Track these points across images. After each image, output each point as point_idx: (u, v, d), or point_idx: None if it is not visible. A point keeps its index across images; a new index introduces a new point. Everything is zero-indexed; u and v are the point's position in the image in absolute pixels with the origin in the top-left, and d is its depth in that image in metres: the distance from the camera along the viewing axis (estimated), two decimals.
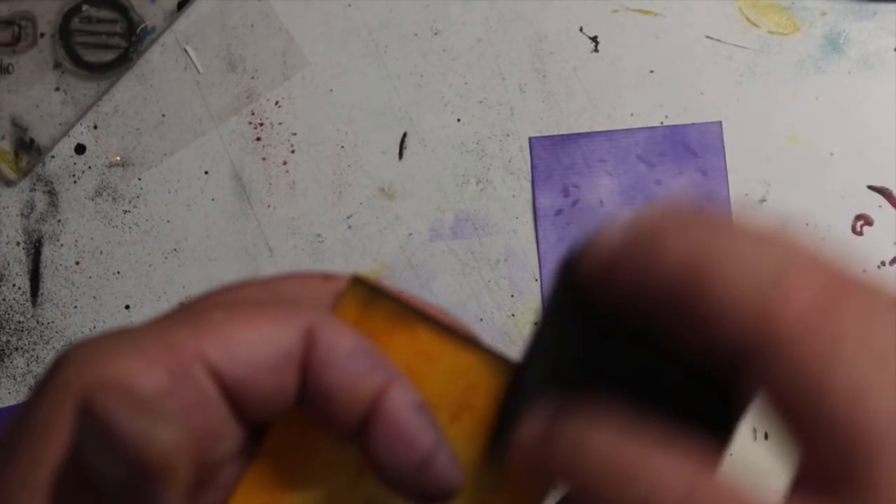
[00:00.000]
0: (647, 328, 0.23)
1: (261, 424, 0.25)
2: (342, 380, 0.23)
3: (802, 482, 0.20)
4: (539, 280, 0.60)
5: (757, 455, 0.56)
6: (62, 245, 0.62)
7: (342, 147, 0.62)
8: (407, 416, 0.24)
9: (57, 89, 0.62)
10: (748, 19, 0.62)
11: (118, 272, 0.61)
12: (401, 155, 0.62)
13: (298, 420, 0.25)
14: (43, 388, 0.24)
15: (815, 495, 0.19)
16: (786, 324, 0.20)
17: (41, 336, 0.61)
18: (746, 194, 0.60)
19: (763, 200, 0.60)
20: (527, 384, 0.24)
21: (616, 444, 0.21)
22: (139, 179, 0.62)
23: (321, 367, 0.24)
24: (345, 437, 0.24)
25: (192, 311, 0.24)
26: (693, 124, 0.61)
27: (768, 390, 0.20)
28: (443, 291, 0.61)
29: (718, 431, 0.23)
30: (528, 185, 0.61)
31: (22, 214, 0.62)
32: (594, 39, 0.62)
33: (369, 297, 0.26)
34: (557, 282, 0.25)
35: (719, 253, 0.21)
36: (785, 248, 0.21)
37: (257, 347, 0.23)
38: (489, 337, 0.61)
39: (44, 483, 0.22)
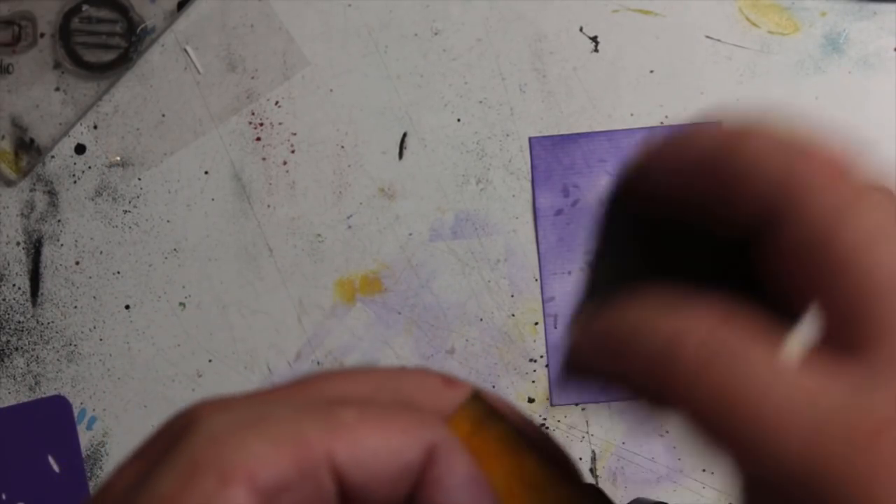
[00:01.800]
0: (683, 221, 0.25)
1: None
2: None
3: (822, 341, 0.21)
4: (539, 280, 0.60)
5: None
6: (62, 245, 0.62)
7: (342, 147, 0.62)
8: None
9: (57, 89, 0.62)
10: (748, 19, 0.62)
11: (118, 272, 0.61)
12: (401, 155, 0.62)
13: None
14: (170, 452, 0.23)
15: (833, 350, 0.20)
16: (803, 185, 0.21)
17: (41, 336, 0.61)
18: None
19: None
20: (593, 288, 0.26)
21: (646, 310, 0.22)
22: (139, 179, 0.62)
23: (433, 489, 0.24)
24: None
25: (323, 404, 0.24)
26: (693, 124, 0.61)
27: (786, 249, 0.22)
28: (443, 291, 0.61)
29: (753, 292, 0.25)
30: (528, 185, 0.61)
31: (22, 214, 0.62)
32: (594, 39, 0.62)
33: (485, 415, 0.26)
34: (609, 196, 0.27)
35: (746, 130, 0.23)
36: (798, 132, 0.23)
37: (384, 456, 0.23)
38: (489, 337, 0.61)
39: None
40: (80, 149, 0.62)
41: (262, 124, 0.62)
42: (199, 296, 0.61)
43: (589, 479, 0.60)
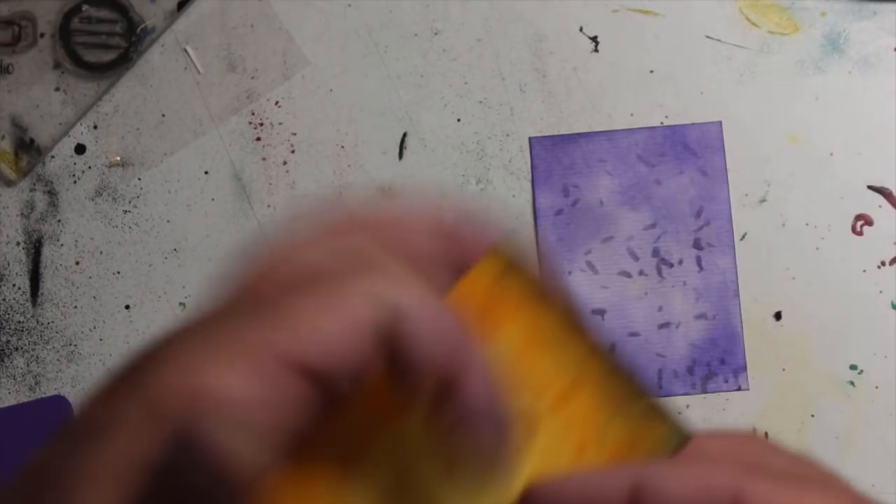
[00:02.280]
0: None
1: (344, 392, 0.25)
2: (425, 356, 0.23)
3: None
4: None
5: None
6: (62, 245, 0.62)
7: (342, 147, 0.62)
8: (480, 408, 0.24)
9: (57, 89, 0.62)
10: (748, 19, 0.62)
11: (118, 272, 0.61)
12: (401, 155, 0.62)
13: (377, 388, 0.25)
14: (127, 386, 0.24)
15: None
16: None
17: (41, 336, 0.61)
18: (746, 194, 0.60)
19: (763, 200, 0.60)
20: None
21: None
22: (139, 179, 0.62)
23: (405, 340, 0.23)
24: (417, 406, 0.24)
25: (263, 301, 0.24)
26: (693, 124, 0.61)
27: None
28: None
29: None
30: (528, 185, 0.61)
31: (22, 214, 0.62)
32: (594, 39, 0.62)
33: (507, 266, 0.26)
34: None
35: None
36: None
37: (344, 336, 0.23)
38: None
39: (124, 475, 0.23)
40: (80, 149, 0.62)
41: (262, 124, 0.62)
42: (199, 296, 0.61)
43: None
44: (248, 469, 0.21)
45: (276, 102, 0.62)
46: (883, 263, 0.60)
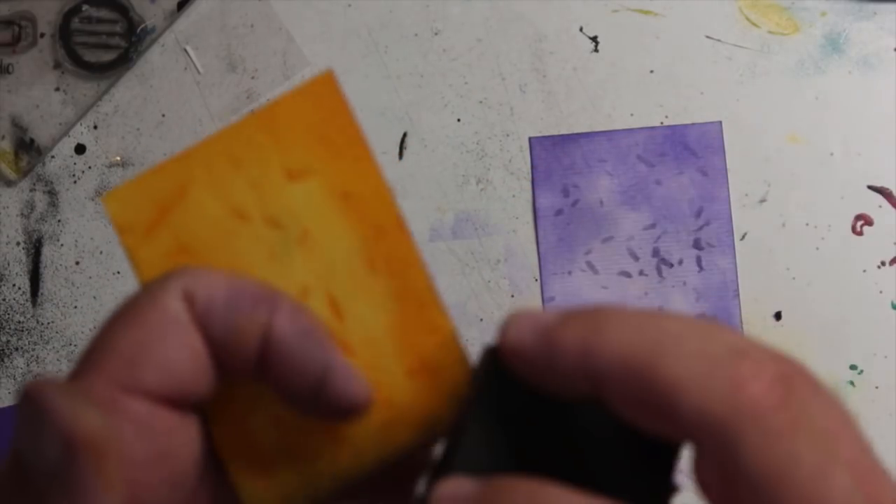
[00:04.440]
0: (579, 405, 0.23)
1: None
2: (228, 328, 0.24)
3: None
4: (539, 280, 0.60)
5: None
6: (62, 245, 0.62)
7: None
8: (293, 344, 0.24)
9: (57, 89, 0.62)
10: (748, 19, 0.62)
11: (118, 272, 0.61)
12: (401, 155, 0.62)
13: None
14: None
15: None
16: (742, 420, 0.21)
17: (41, 336, 0.61)
18: (746, 194, 0.60)
19: (763, 200, 0.60)
20: (459, 452, 0.24)
21: None
22: None
23: (207, 322, 0.24)
24: (253, 377, 0.25)
25: (91, 353, 0.25)
26: (693, 124, 0.61)
27: (719, 477, 0.21)
28: (443, 291, 0.61)
29: (657, 488, 0.24)
30: (528, 185, 0.61)
31: (22, 214, 0.62)
32: (594, 39, 0.62)
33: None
34: (483, 369, 0.25)
35: (665, 343, 0.22)
36: (725, 334, 0.22)
37: (159, 352, 0.24)
38: (489, 337, 0.61)
39: None
40: (80, 149, 0.62)
41: None
42: None
43: None
44: (85, 436, 0.22)
45: None
46: (883, 263, 0.60)
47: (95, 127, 0.62)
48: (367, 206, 0.27)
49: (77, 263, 0.62)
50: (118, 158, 0.62)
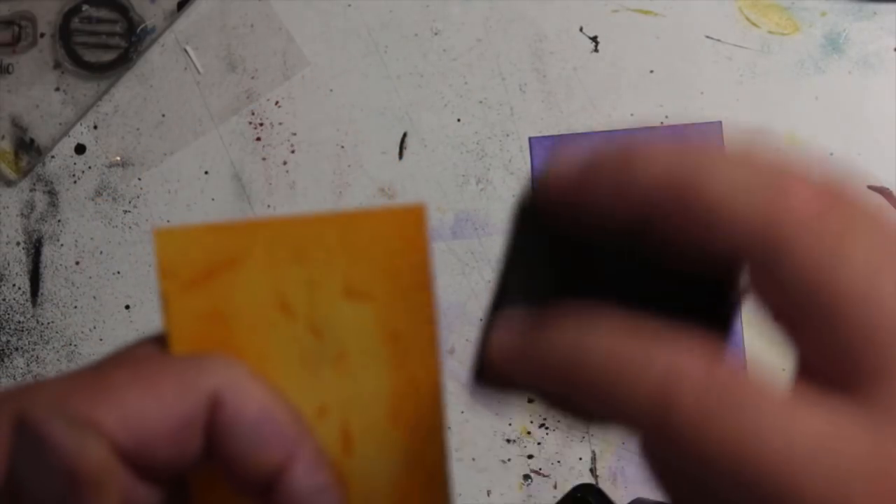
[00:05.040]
0: (622, 242, 0.22)
1: (179, 478, 0.24)
2: (246, 449, 0.23)
3: (808, 377, 0.20)
4: None
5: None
6: (62, 245, 0.62)
7: (342, 147, 0.62)
8: (303, 498, 0.23)
9: (57, 89, 0.62)
10: (748, 19, 0.62)
11: (118, 272, 0.61)
12: (401, 155, 0.62)
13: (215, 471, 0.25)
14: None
15: (825, 388, 0.19)
16: (789, 225, 0.20)
17: (41, 336, 0.61)
18: None
19: None
20: (504, 301, 0.24)
21: (618, 338, 0.20)
22: (139, 179, 0.62)
23: (225, 433, 0.23)
24: (249, 496, 0.24)
25: (100, 369, 0.24)
26: (693, 124, 0.61)
27: (771, 289, 0.20)
28: (443, 291, 0.61)
29: (715, 326, 0.23)
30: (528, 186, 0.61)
31: (22, 214, 0.62)
32: (594, 39, 0.62)
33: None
34: (521, 209, 0.24)
35: (705, 161, 0.21)
36: (770, 157, 0.21)
37: (155, 414, 0.22)
38: None
39: None
40: (80, 149, 0.62)
41: (262, 124, 0.62)
42: None
43: (589, 479, 0.60)
44: (89, 469, 0.21)
45: (276, 102, 0.62)
46: None
47: (95, 127, 0.62)
48: (411, 357, 0.25)
49: (77, 263, 0.62)
50: (118, 158, 0.62)
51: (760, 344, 0.60)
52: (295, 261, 0.25)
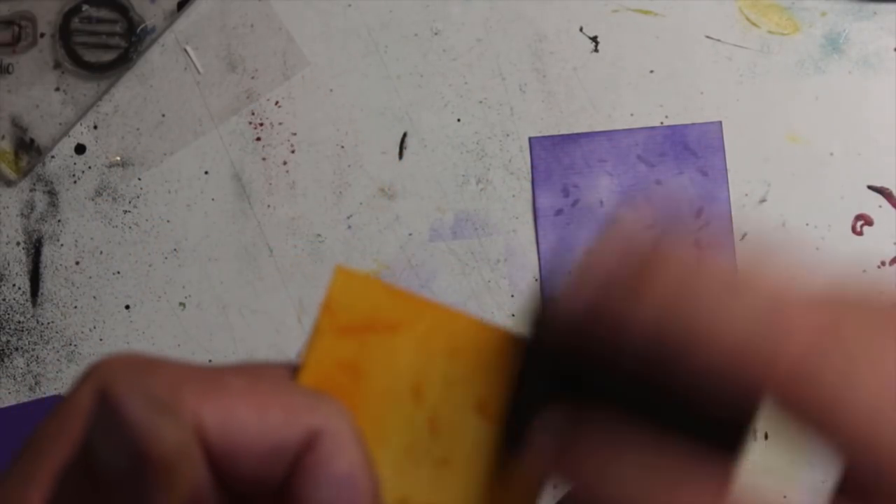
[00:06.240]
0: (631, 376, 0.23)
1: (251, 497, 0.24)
2: (318, 499, 0.22)
3: (844, 487, 0.20)
4: (539, 280, 0.60)
5: (757, 455, 0.56)
6: (62, 245, 0.62)
7: (342, 147, 0.62)
8: None
9: (57, 89, 0.62)
10: (748, 19, 0.62)
11: (118, 272, 0.61)
12: (401, 155, 0.62)
13: None
14: (65, 397, 0.24)
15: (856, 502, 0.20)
16: (792, 362, 0.20)
17: (41, 336, 0.61)
18: (746, 194, 0.60)
19: (763, 200, 0.60)
20: (533, 379, 0.24)
21: (641, 477, 0.21)
22: (139, 179, 0.62)
23: (305, 477, 0.23)
24: None
25: (222, 371, 0.24)
26: (693, 124, 0.61)
27: (787, 415, 0.21)
28: (443, 291, 0.61)
29: (727, 444, 0.23)
30: (528, 185, 0.61)
31: (22, 214, 0.62)
32: (594, 39, 0.62)
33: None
34: (530, 342, 0.24)
35: (700, 305, 0.21)
36: (767, 282, 0.21)
37: (254, 429, 0.22)
38: None
39: (45, 477, 0.23)
40: (80, 149, 0.62)
41: (262, 124, 0.62)
42: (199, 296, 0.61)
43: None
44: (161, 451, 0.21)
45: (276, 102, 0.62)
46: (883, 263, 0.59)
47: (95, 127, 0.62)
48: (511, 496, 0.25)
49: (77, 263, 0.62)
50: (118, 158, 0.62)
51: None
52: (447, 354, 0.25)
